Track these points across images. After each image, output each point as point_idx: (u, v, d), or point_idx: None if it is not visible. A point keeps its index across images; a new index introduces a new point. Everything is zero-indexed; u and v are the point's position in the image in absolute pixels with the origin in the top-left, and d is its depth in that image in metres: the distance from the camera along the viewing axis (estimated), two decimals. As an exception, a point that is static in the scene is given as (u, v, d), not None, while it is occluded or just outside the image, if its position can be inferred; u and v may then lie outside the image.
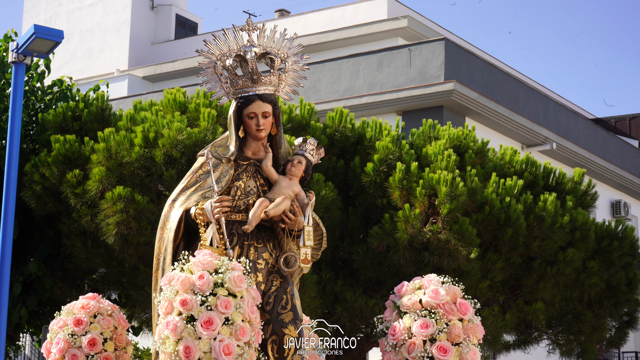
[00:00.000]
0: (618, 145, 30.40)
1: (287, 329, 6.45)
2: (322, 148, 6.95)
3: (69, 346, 6.66)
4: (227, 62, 6.69)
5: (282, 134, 6.88)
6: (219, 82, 6.76)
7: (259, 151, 6.79)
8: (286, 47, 6.78)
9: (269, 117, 6.69)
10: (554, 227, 13.64)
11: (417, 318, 6.46)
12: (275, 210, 6.51)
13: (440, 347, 6.37)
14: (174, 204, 6.62)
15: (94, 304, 6.81)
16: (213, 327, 5.76)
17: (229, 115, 6.74)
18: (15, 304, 15.07)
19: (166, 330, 5.83)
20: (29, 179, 14.02)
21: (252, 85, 6.65)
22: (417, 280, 6.69)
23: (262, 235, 6.64)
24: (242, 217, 6.56)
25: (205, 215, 6.41)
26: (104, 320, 6.78)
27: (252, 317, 5.94)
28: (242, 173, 6.70)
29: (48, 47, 12.53)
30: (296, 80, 6.83)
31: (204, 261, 5.96)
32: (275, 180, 6.71)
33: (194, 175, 6.71)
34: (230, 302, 5.82)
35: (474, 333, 6.52)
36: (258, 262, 6.58)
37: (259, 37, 6.73)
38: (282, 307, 6.52)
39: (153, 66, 34.02)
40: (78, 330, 6.69)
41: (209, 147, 6.76)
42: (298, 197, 6.71)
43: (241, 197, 6.62)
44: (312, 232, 6.61)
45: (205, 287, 5.84)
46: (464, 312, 6.52)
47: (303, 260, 6.55)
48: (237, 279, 5.89)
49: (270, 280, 6.61)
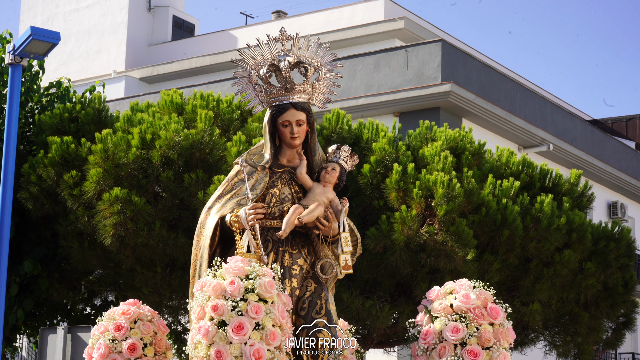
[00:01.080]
0: (615, 146, 30.43)
1: (321, 334, 6.52)
2: (356, 155, 7.06)
3: (109, 351, 6.77)
4: (261, 72, 6.79)
5: (317, 142, 6.99)
6: (254, 91, 6.85)
7: (294, 159, 6.88)
8: (319, 56, 6.88)
9: (303, 125, 6.81)
10: (550, 228, 13.66)
11: (447, 322, 6.53)
12: (308, 217, 6.60)
13: (471, 351, 6.43)
14: (210, 212, 6.73)
15: (134, 309, 6.91)
16: (244, 331, 5.86)
17: (264, 123, 6.85)
18: (12, 305, 15.07)
19: (198, 335, 5.93)
20: (25, 180, 14.02)
21: (286, 94, 6.76)
22: (448, 285, 6.76)
23: (296, 242, 6.75)
24: (277, 223, 6.67)
25: (240, 222, 6.51)
26: (143, 326, 6.88)
27: (283, 322, 6.04)
28: (277, 180, 6.80)
29: (45, 48, 12.54)
30: (329, 88, 6.93)
31: (236, 267, 6.06)
32: (309, 187, 6.80)
33: (229, 183, 6.82)
34: (261, 307, 5.93)
35: (505, 337, 6.59)
36: (292, 268, 6.69)
37: (292, 46, 6.83)
38: (316, 312, 6.62)
39: (150, 67, 34.02)
40: (118, 335, 6.79)
41: (245, 155, 6.87)
42: (332, 203, 6.82)
43: (276, 204, 6.73)
44: (349, 238, 6.72)
45: (236, 292, 5.95)
46: (495, 316, 6.58)
47: (344, 266, 6.69)
48: (267, 285, 5.99)
49: (305, 286, 6.73)
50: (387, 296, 13.79)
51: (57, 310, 16.08)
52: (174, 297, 14.27)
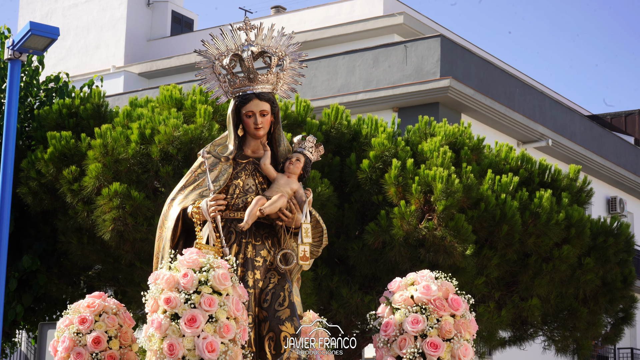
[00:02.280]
0: (614, 141, 30.43)
1: (283, 326, 6.45)
2: (322, 145, 6.96)
3: (74, 344, 6.72)
4: (225, 62, 6.72)
5: (282, 132, 6.90)
6: (218, 81, 6.78)
7: (258, 149, 6.81)
8: (284, 46, 6.81)
9: (267, 115, 6.72)
10: (549, 223, 13.66)
11: (408, 314, 6.42)
12: (271, 208, 6.53)
13: (431, 342, 6.32)
14: (173, 203, 6.66)
15: (99, 302, 6.87)
16: (196, 324, 5.80)
17: (228, 114, 6.78)
18: (11, 300, 15.08)
19: (151, 328, 5.89)
20: (25, 176, 14.02)
21: (250, 84, 6.69)
22: (409, 276, 6.66)
23: (260, 233, 6.67)
24: (240, 215, 6.58)
25: (201, 213, 6.45)
26: (108, 319, 6.83)
27: (238, 314, 5.96)
28: (240, 171, 6.72)
29: (44, 44, 12.53)
30: (294, 78, 6.86)
31: (190, 259, 6.00)
32: (273, 178, 6.72)
33: (192, 174, 6.74)
34: (214, 299, 5.86)
35: (467, 329, 6.48)
36: (256, 260, 6.61)
37: (256, 36, 6.75)
38: (279, 304, 6.52)
39: (149, 63, 34.00)
40: (83, 328, 6.75)
41: (208, 146, 6.79)
42: (296, 194, 6.73)
43: (239, 196, 6.65)
44: (309, 229, 6.64)
45: (189, 285, 5.88)
46: (456, 307, 6.47)
47: (302, 257, 6.58)
48: (221, 277, 5.91)
49: (268, 278, 6.62)
50: (386, 291, 13.79)
51: (56, 306, 16.08)
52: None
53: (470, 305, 6.68)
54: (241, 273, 6.53)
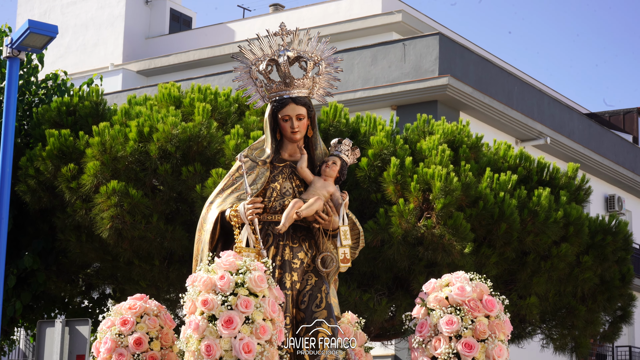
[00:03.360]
0: (612, 139, 30.44)
1: (321, 327, 6.53)
2: (358, 149, 7.09)
3: (116, 345, 6.83)
4: (261, 67, 6.82)
5: (318, 136, 7.02)
6: (255, 86, 6.89)
7: (295, 153, 6.91)
8: (319, 50, 6.90)
9: (303, 119, 6.83)
10: (547, 221, 13.68)
11: (443, 315, 6.49)
12: (307, 211, 6.63)
13: (466, 343, 6.39)
14: (211, 207, 6.78)
15: (140, 304, 6.98)
16: (233, 325, 5.90)
17: (265, 118, 6.88)
18: (10, 297, 15.08)
19: (189, 330, 6.00)
20: (23, 173, 14.03)
21: (286, 89, 6.80)
22: (445, 277, 6.73)
23: (297, 236, 6.77)
24: (278, 217, 6.69)
25: (239, 217, 6.56)
26: (149, 320, 6.94)
27: (274, 315, 6.07)
28: (278, 175, 6.83)
29: (42, 42, 12.55)
30: (330, 82, 6.95)
31: (226, 262, 6.11)
32: (310, 181, 6.82)
33: (230, 178, 6.86)
34: (251, 301, 5.97)
35: (501, 329, 6.54)
36: (293, 262, 6.70)
37: (292, 41, 6.85)
38: (316, 306, 6.63)
39: (147, 60, 33.99)
40: (125, 329, 6.86)
41: (246, 150, 6.90)
42: (333, 197, 6.84)
43: (277, 199, 6.75)
44: (348, 232, 6.74)
45: (226, 287, 5.99)
46: (490, 308, 6.53)
47: (342, 259, 6.69)
48: (257, 279, 6.02)
49: (306, 280, 6.73)
50: (384, 289, 13.82)
51: (55, 303, 16.09)
52: (171, 290, 14.28)
53: (503, 306, 6.73)
54: (279, 275, 6.63)
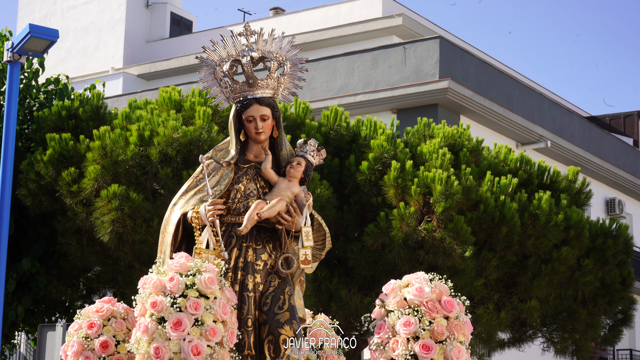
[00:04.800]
0: (612, 143, 30.44)
1: (283, 329, 6.47)
2: (324, 149, 7.00)
3: (82, 349, 6.85)
4: (225, 68, 6.77)
5: (284, 136, 6.96)
6: (219, 87, 6.84)
7: (260, 154, 6.85)
8: (284, 50, 6.85)
9: (267, 119, 6.79)
10: (548, 225, 13.68)
11: (401, 316, 6.40)
12: (269, 212, 6.56)
13: (423, 344, 6.29)
14: (174, 208, 6.73)
15: (107, 307, 7.01)
16: (182, 328, 5.86)
17: (230, 119, 6.84)
18: (10, 302, 15.08)
19: (138, 332, 5.97)
20: (24, 177, 14.03)
21: (249, 89, 6.75)
22: (405, 278, 6.64)
23: (261, 237, 6.71)
24: (241, 219, 6.62)
25: (200, 218, 6.51)
26: (117, 323, 6.95)
27: (225, 317, 6.01)
28: (242, 176, 6.77)
29: (43, 46, 12.56)
30: (295, 82, 6.90)
31: (177, 264, 6.08)
32: (275, 182, 6.75)
33: (194, 180, 6.80)
34: (200, 303, 5.92)
35: (460, 330, 6.43)
36: (256, 264, 6.63)
37: (257, 41, 6.80)
38: (278, 308, 6.54)
39: (148, 64, 34.00)
40: (91, 333, 6.88)
41: (211, 151, 6.86)
42: (297, 198, 6.75)
43: (241, 200, 6.69)
44: (310, 233, 6.66)
45: (175, 288, 5.96)
46: (449, 309, 6.43)
47: (303, 261, 6.60)
48: (207, 281, 5.97)
49: (269, 281, 6.65)
50: (385, 293, 13.80)
51: (56, 308, 16.09)
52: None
53: (468, 307, 6.66)
54: (241, 277, 6.55)
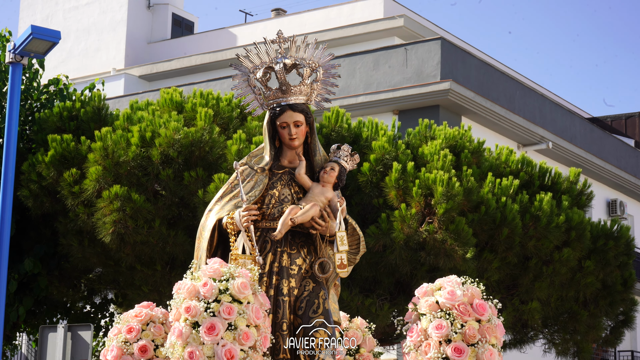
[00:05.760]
0: (614, 144, 30.43)
1: (317, 333, 6.54)
2: (357, 154, 7.08)
3: (122, 353, 6.93)
4: (258, 75, 6.86)
5: (317, 142, 7.04)
6: (253, 94, 6.94)
7: (295, 160, 6.94)
8: (317, 57, 6.94)
9: (301, 126, 6.85)
10: (549, 226, 13.68)
11: (433, 319, 6.47)
12: (302, 217, 6.64)
13: (455, 347, 6.38)
14: (210, 214, 6.82)
15: (146, 312, 7.09)
16: (215, 332, 5.93)
17: (264, 125, 6.92)
18: (12, 303, 15.08)
19: (173, 336, 6.04)
20: (25, 178, 14.04)
21: (283, 96, 6.84)
22: (437, 282, 6.72)
23: (296, 242, 6.79)
24: (276, 224, 6.72)
25: (235, 224, 6.61)
26: (155, 328, 7.02)
27: (259, 322, 6.09)
28: (276, 182, 6.86)
29: (45, 47, 12.57)
30: (327, 88, 6.98)
31: (211, 269, 6.15)
32: (309, 187, 6.83)
33: (229, 186, 6.90)
34: (233, 308, 6.00)
35: (492, 333, 6.52)
36: (291, 268, 6.72)
37: (289, 48, 6.88)
38: (313, 312, 6.63)
39: (149, 65, 34.01)
40: (130, 337, 6.95)
41: (245, 157, 6.95)
42: (331, 203, 6.85)
43: (275, 205, 6.78)
44: (345, 237, 6.74)
45: (208, 293, 6.04)
46: (481, 312, 6.52)
47: (339, 265, 6.68)
48: (240, 286, 6.06)
49: (303, 286, 6.74)
50: (386, 294, 13.82)
51: (57, 309, 16.10)
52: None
53: (497, 310, 6.72)
54: (276, 281, 6.65)
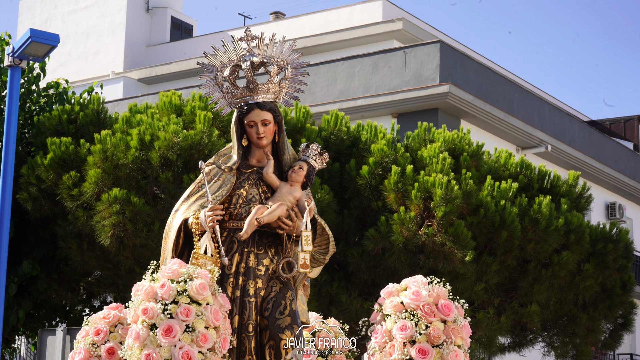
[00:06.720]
0: (613, 147, 30.44)
1: (283, 334, 6.47)
2: (326, 153, 6.97)
3: (89, 355, 6.86)
4: (225, 73, 6.77)
5: (286, 141, 6.94)
6: (221, 92, 6.84)
7: (263, 159, 6.84)
8: (285, 55, 6.84)
9: (269, 124, 6.76)
10: (548, 229, 13.68)
11: (398, 320, 6.37)
12: (269, 217, 6.55)
13: (420, 349, 6.25)
14: (176, 214, 6.73)
15: (114, 313, 7.00)
16: (173, 334, 5.86)
17: (231, 124, 6.83)
18: (11, 306, 15.08)
19: (130, 339, 5.96)
20: (24, 181, 14.04)
21: (250, 94, 6.74)
22: (403, 282, 6.61)
23: (263, 242, 6.69)
24: (242, 224, 6.61)
25: (200, 224, 6.52)
26: (123, 330, 6.93)
27: (218, 323, 6.01)
28: (244, 181, 6.76)
29: (44, 51, 12.57)
30: (296, 86, 6.89)
31: (169, 270, 6.07)
32: (277, 187, 6.75)
33: (196, 185, 6.80)
34: (191, 309, 5.92)
35: (458, 334, 6.38)
36: (258, 269, 6.62)
37: (257, 46, 6.79)
38: (279, 313, 6.53)
39: (148, 68, 34.00)
40: (98, 339, 6.87)
41: (213, 157, 6.85)
42: (299, 202, 6.73)
43: (242, 205, 6.68)
44: (310, 237, 6.62)
45: (166, 295, 5.96)
46: (447, 313, 6.38)
47: (302, 265, 6.57)
48: (199, 287, 5.98)
49: (270, 286, 6.64)
50: (385, 297, 13.80)
51: (56, 312, 16.09)
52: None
53: (468, 311, 6.62)
54: (242, 282, 6.54)
